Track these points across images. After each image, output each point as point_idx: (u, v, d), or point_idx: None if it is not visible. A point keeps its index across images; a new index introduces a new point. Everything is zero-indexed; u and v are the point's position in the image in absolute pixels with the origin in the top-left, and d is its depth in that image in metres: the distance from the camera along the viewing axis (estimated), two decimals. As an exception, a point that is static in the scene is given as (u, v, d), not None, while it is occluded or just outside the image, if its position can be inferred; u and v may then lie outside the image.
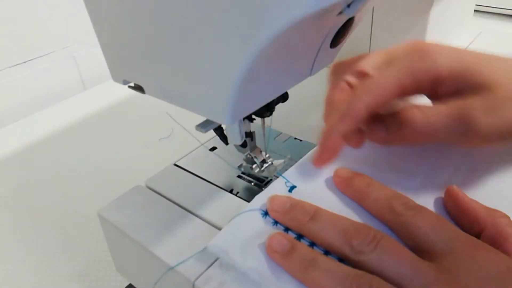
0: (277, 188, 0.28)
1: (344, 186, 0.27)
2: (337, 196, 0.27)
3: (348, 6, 0.22)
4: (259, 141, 0.32)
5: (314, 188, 0.28)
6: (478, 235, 0.24)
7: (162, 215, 0.29)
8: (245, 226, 0.25)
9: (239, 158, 0.34)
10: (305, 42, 0.25)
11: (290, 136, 0.38)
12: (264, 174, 0.30)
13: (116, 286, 0.38)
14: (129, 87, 0.29)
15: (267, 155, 0.31)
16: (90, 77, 0.79)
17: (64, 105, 0.66)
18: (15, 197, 0.48)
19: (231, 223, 0.26)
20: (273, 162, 0.31)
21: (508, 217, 0.24)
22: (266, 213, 0.26)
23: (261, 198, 0.27)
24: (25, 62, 0.70)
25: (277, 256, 0.23)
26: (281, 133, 0.38)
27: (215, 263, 0.25)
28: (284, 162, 0.30)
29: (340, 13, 0.23)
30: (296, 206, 0.25)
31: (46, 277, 0.39)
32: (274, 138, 0.38)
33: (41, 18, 0.70)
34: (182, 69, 0.24)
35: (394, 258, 0.22)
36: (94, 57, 0.78)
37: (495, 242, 0.23)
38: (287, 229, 0.25)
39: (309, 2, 0.18)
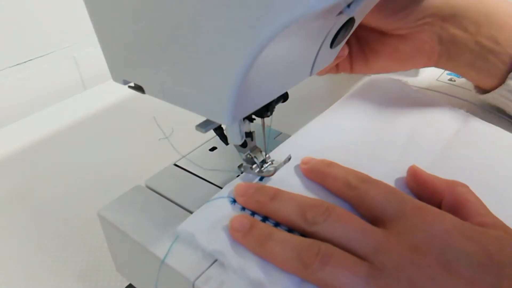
0: (247, 177, 0.30)
1: (308, 170, 0.29)
2: (304, 181, 0.29)
3: (348, 6, 0.22)
4: (259, 141, 0.32)
5: (282, 176, 0.30)
6: (439, 206, 0.25)
7: (162, 215, 0.29)
8: (213, 212, 0.27)
9: (239, 158, 0.34)
10: (305, 42, 0.25)
11: (290, 136, 0.38)
12: (264, 174, 0.30)
13: (116, 286, 0.38)
14: (129, 87, 0.29)
15: (267, 155, 0.31)
16: (90, 77, 0.79)
17: (64, 105, 0.66)
18: (15, 197, 0.48)
19: (200, 209, 0.27)
20: (273, 162, 0.31)
21: (467, 186, 0.25)
22: (234, 201, 0.27)
23: (231, 187, 0.28)
24: (25, 62, 0.70)
25: (239, 235, 0.25)
26: (281, 133, 0.38)
27: (215, 263, 0.25)
28: (284, 162, 0.30)
29: (340, 13, 0.23)
30: (259, 189, 0.27)
31: (46, 277, 0.39)
32: (274, 138, 0.38)
33: (41, 18, 0.70)
34: (182, 69, 0.24)
35: (345, 225, 0.23)
36: (94, 57, 0.78)
37: (454, 209, 0.24)
38: (253, 214, 0.27)
39: (309, 2, 0.18)
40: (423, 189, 0.27)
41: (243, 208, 0.27)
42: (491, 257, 0.21)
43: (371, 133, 0.34)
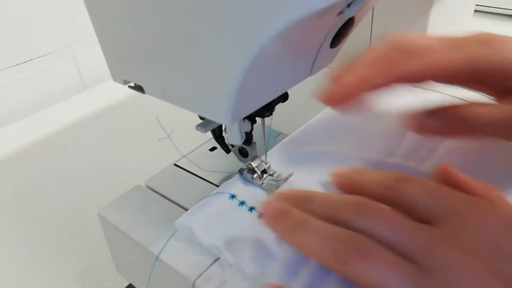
0: (248, 177, 0.30)
1: (341, 183, 0.27)
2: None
3: (348, 6, 0.22)
4: (259, 141, 0.32)
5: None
6: None
7: (162, 215, 0.29)
8: (211, 206, 0.27)
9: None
10: (305, 42, 0.25)
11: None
12: (265, 186, 0.29)
13: (116, 286, 0.38)
14: (129, 87, 0.29)
15: (267, 165, 0.31)
16: (90, 77, 0.79)
17: (64, 105, 0.66)
18: (15, 197, 0.48)
19: (198, 204, 0.28)
20: (274, 174, 0.30)
21: (498, 191, 0.24)
22: (233, 196, 0.28)
23: (230, 184, 0.29)
24: (25, 62, 0.70)
25: (271, 220, 0.24)
26: (281, 133, 0.38)
27: (215, 263, 0.25)
28: (286, 179, 0.30)
29: (340, 13, 0.23)
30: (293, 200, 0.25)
31: (46, 277, 0.39)
32: (274, 138, 0.38)
33: (41, 18, 0.70)
34: (182, 69, 0.24)
35: (388, 221, 0.21)
36: (94, 57, 0.78)
37: None
38: (251, 209, 0.27)
39: (310, 2, 0.18)
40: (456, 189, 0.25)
41: (241, 203, 0.27)
42: None
43: (371, 129, 0.34)
